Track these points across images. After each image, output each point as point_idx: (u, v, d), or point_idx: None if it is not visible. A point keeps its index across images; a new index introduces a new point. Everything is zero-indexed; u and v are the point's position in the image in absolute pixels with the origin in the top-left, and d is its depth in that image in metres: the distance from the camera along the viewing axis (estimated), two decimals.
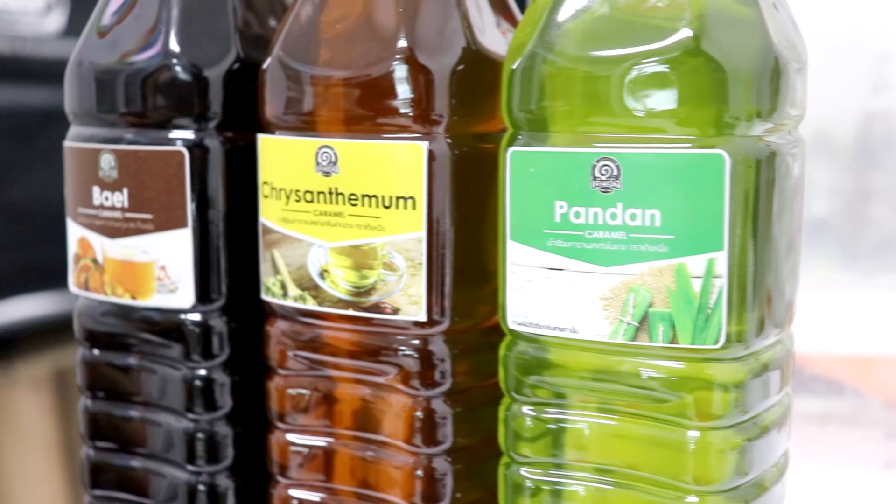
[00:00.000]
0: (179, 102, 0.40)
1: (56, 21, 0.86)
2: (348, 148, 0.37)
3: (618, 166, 0.33)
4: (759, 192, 0.33)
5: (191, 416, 0.41)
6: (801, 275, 0.36)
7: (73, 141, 0.42)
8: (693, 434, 0.34)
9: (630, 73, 0.33)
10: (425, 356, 0.37)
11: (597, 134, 0.34)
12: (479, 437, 0.39)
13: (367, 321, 0.38)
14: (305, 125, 0.38)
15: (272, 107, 0.39)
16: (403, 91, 0.36)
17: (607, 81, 0.33)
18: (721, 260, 0.32)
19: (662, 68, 0.32)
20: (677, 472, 0.34)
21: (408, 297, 0.37)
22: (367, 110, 0.36)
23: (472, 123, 0.37)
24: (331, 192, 0.37)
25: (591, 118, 0.34)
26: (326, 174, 0.37)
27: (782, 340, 0.37)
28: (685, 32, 0.32)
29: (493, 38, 0.38)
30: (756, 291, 0.33)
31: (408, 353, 0.37)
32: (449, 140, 0.36)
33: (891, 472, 0.56)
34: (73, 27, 0.86)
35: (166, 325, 0.41)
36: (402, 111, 0.36)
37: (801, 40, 0.36)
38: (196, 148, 0.40)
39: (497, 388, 0.39)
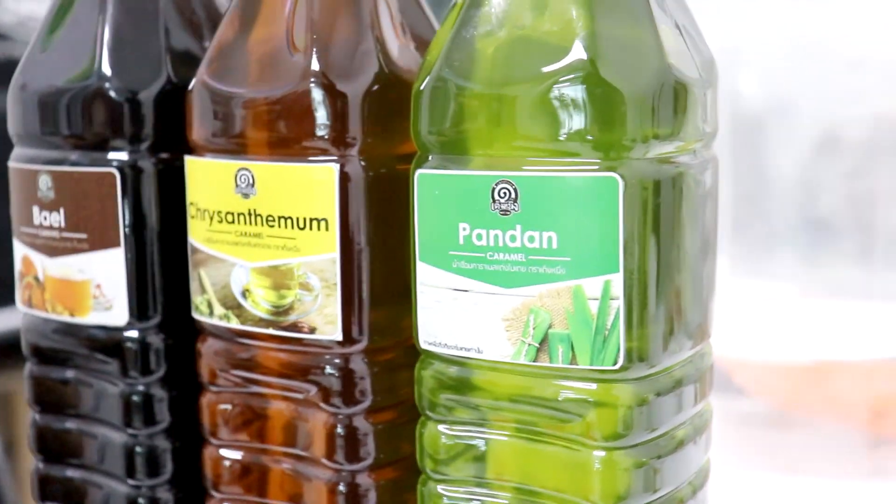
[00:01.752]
0: (112, 125, 0.41)
1: None
2: (264, 170, 0.37)
3: (515, 189, 0.33)
4: (659, 212, 0.33)
5: (130, 430, 0.42)
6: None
7: (16, 162, 0.43)
8: (598, 454, 0.34)
9: (524, 97, 0.33)
10: (345, 374, 0.38)
11: (497, 157, 0.34)
12: (404, 453, 0.39)
13: (290, 340, 0.38)
14: (227, 147, 0.38)
15: (197, 128, 0.39)
16: (316, 114, 0.36)
17: (503, 104, 0.33)
18: (617, 282, 0.33)
19: (555, 91, 0.32)
20: (584, 492, 0.34)
21: (323, 316, 0.37)
22: (281, 133, 0.37)
23: (389, 145, 0.38)
24: (250, 214, 0.38)
25: (490, 141, 0.34)
26: (245, 196, 0.38)
27: (699, 354, 0.37)
28: (576, 56, 0.32)
29: (411, 60, 0.38)
30: (659, 310, 0.34)
31: (327, 371, 0.38)
32: (363, 162, 0.37)
33: (877, 481, 0.56)
34: None
35: (105, 342, 0.42)
36: (315, 134, 0.37)
37: (710, 58, 0.36)
38: (128, 169, 0.41)
39: None
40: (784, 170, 0.67)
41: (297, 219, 0.37)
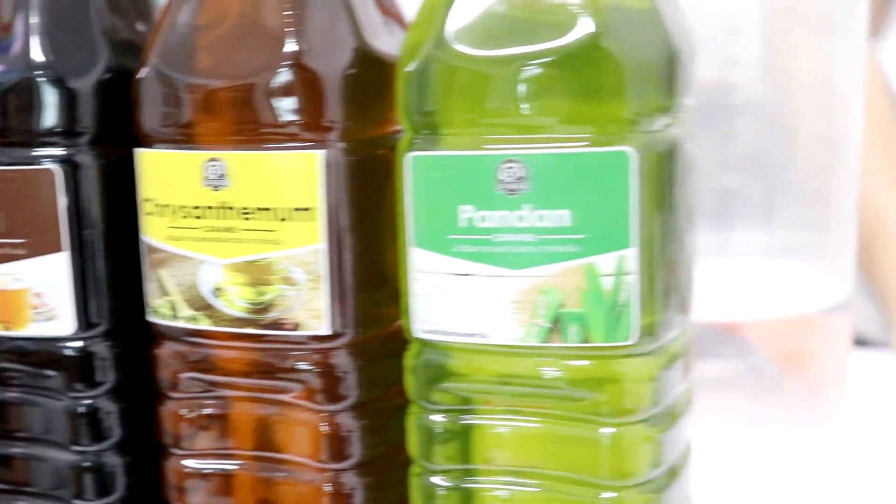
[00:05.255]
0: (46, 118, 0.37)
1: None
2: (238, 160, 0.35)
3: (524, 167, 0.32)
4: (664, 185, 0.33)
5: (77, 448, 0.39)
6: None
7: None
8: (608, 430, 0.34)
9: (531, 73, 0.32)
10: (329, 370, 0.36)
11: (501, 135, 0.33)
12: (385, 448, 0.38)
13: (266, 338, 0.36)
14: (189, 137, 0.36)
15: (151, 119, 0.37)
16: (294, 98, 0.34)
17: (508, 81, 0.32)
18: (631, 257, 0.32)
19: (563, 66, 0.32)
20: (594, 469, 0.34)
21: (309, 311, 0.35)
22: (255, 120, 0.35)
23: (364, 128, 0.36)
24: (221, 207, 0.35)
25: (493, 119, 0.33)
26: (216, 188, 0.35)
27: (686, 327, 0.37)
28: (585, 29, 0.32)
29: (383, 38, 0.37)
30: (665, 283, 0.34)
31: (310, 368, 0.36)
32: (343, 146, 0.35)
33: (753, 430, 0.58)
34: None
35: (46, 355, 0.39)
36: (293, 119, 0.35)
37: (688, 27, 0.36)
38: (67, 165, 0.37)
39: (402, 397, 0.38)
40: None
41: (278, 210, 0.35)
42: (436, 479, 0.36)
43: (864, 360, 0.71)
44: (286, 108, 0.35)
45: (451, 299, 0.34)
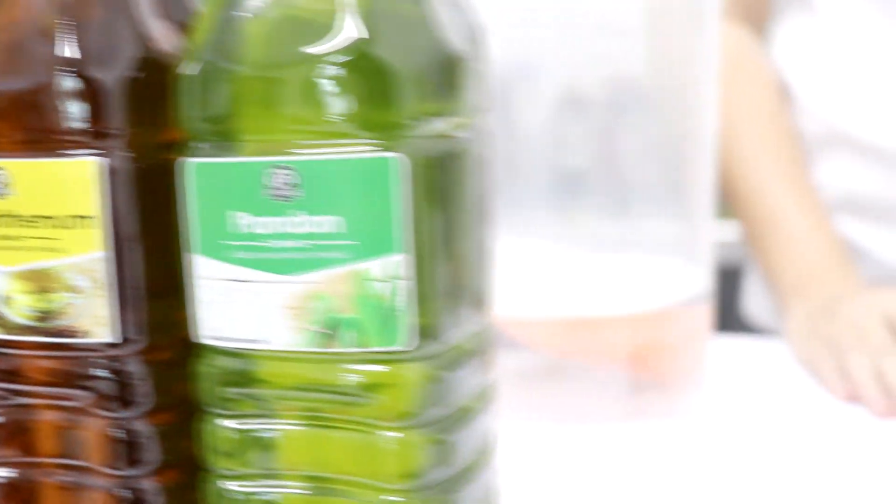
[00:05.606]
0: None
1: None
2: (21, 168, 0.35)
3: (297, 174, 0.32)
4: (439, 189, 0.33)
5: None
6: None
7: None
8: (391, 435, 0.34)
9: (298, 78, 0.32)
10: (121, 377, 0.36)
11: (274, 141, 0.33)
12: (188, 452, 0.38)
13: (59, 346, 0.36)
14: None
15: None
16: (73, 105, 0.34)
17: (278, 86, 0.32)
18: (401, 262, 0.32)
19: (330, 72, 0.32)
20: (379, 473, 0.34)
21: (94, 318, 0.35)
22: (37, 127, 0.35)
23: (153, 134, 0.36)
24: (6, 215, 0.35)
25: (266, 125, 0.33)
26: (0, 196, 0.35)
27: (482, 326, 0.37)
28: (350, 35, 0.32)
29: (170, 41, 0.37)
30: (445, 286, 0.34)
31: (102, 375, 0.36)
32: (128, 153, 0.35)
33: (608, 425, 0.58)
34: None
35: None
36: (73, 127, 0.34)
37: (481, 31, 0.36)
38: None
39: None
40: (532, 130, 0.68)
41: (60, 218, 0.35)
42: (230, 485, 0.36)
43: (755, 348, 0.72)
44: (65, 115, 0.34)
45: (232, 305, 0.34)
